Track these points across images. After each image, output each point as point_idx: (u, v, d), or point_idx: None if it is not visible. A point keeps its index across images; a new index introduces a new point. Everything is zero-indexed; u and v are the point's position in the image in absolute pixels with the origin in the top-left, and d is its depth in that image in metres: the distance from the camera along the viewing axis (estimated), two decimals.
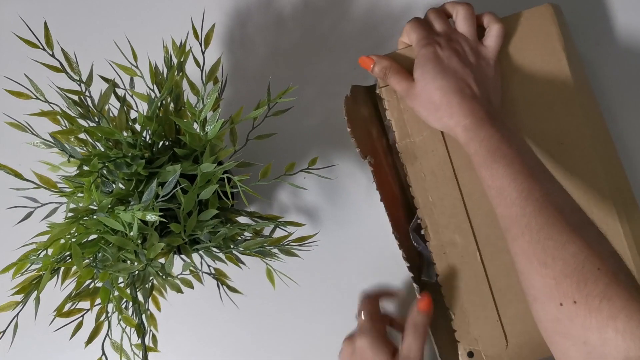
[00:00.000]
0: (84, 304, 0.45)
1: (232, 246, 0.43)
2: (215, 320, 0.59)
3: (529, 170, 0.42)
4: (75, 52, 0.44)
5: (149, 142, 0.46)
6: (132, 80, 0.46)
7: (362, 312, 0.50)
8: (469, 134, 0.45)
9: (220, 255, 0.45)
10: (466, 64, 0.48)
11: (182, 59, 0.43)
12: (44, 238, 0.43)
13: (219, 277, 0.50)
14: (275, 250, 0.46)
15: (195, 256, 0.48)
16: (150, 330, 0.48)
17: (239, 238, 0.47)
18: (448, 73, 0.48)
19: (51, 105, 0.43)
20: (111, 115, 0.47)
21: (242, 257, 0.48)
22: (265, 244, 0.44)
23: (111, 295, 0.43)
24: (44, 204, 0.47)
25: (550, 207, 0.39)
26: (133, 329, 0.45)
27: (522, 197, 0.40)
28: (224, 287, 0.49)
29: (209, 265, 0.49)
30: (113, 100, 0.46)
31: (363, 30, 0.61)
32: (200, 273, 0.48)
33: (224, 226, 0.43)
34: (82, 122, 0.44)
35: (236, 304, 0.53)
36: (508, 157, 0.42)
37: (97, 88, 0.46)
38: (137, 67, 0.45)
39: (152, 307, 0.50)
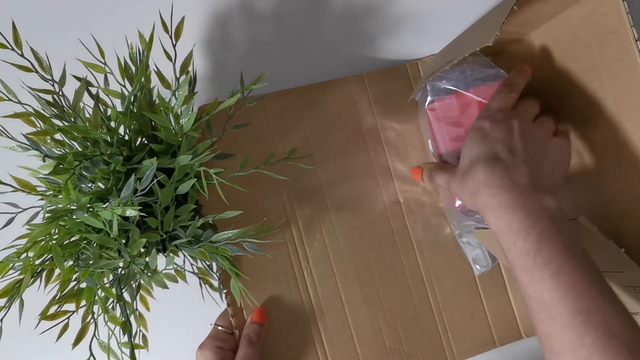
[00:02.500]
0: (70, 307, 0.45)
1: (202, 240, 0.43)
2: (206, 317, 0.58)
3: (584, 284, 0.33)
4: (47, 53, 0.44)
5: (126, 139, 0.46)
6: (106, 77, 0.46)
7: (213, 324, 0.52)
8: (498, 221, 0.36)
9: (195, 249, 0.44)
10: (514, 133, 0.39)
11: (149, 52, 0.42)
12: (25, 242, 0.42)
13: (202, 276, 0.50)
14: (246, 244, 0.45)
15: (179, 257, 0.48)
16: (140, 330, 0.48)
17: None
18: (485, 141, 0.39)
19: (24, 106, 0.43)
20: (87, 116, 0.47)
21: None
22: (232, 236, 0.44)
23: (96, 297, 0.42)
24: (25, 209, 0.47)
25: (616, 342, 0.32)
26: (121, 329, 0.44)
27: (577, 320, 0.32)
28: (207, 285, 0.49)
29: (191, 264, 0.49)
30: (89, 100, 0.46)
31: (343, 23, 0.60)
32: (183, 271, 0.48)
33: (196, 220, 0.42)
34: (57, 122, 0.44)
35: (217, 302, 0.53)
36: (555, 263, 0.34)
37: (72, 88, 0.45)
38: (105, 64, 0.44)
39: (141, 307, 0.49)
